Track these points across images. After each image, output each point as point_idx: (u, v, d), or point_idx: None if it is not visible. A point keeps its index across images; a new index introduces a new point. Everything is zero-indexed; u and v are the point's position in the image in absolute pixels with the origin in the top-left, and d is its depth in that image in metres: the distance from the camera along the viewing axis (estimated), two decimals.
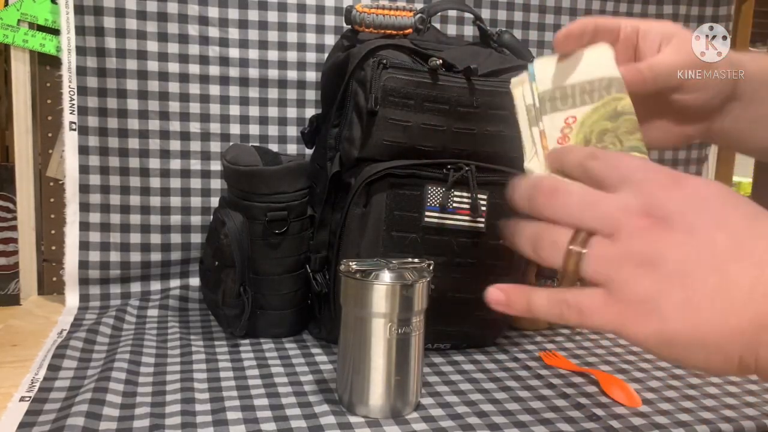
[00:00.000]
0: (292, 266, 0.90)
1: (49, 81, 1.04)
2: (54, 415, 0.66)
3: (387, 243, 0.82)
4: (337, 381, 0.73)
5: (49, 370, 0.76)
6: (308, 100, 1.09)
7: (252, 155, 0.91)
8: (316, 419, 0.67)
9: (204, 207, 1.08)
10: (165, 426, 0.65)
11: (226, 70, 1.06)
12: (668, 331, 0.37)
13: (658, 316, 0.37)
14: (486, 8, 1.14)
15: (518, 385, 0.78)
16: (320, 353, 0.86)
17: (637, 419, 0.70)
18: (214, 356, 0.84)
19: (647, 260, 0.37)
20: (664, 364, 0.87)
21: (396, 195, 0.82)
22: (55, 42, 1.02)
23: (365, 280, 0.67)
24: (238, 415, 0.67)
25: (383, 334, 0.68)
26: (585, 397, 0.75)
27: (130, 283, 1.06)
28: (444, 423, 0.68)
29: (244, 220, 0.88)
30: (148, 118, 1.04)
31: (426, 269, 0.72)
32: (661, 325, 0.37)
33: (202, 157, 1.07)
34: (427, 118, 0.82)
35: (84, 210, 1.03)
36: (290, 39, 1.07)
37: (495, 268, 0.85)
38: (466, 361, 0.86)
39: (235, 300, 0.88)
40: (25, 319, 0.98)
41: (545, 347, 0.92)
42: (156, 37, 1.02)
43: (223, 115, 1.07)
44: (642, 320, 0.37)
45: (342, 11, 1.05)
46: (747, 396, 0.77)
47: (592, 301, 0.40)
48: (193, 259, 1.09)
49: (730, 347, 0.36)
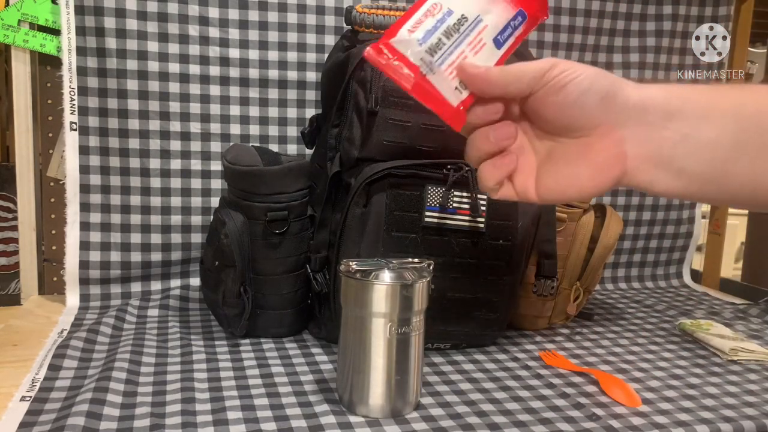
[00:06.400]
0: (292, 266, 0.90)
1: (50, 81, 1.04)
2: (54, 415, 0.66)
3: (387, 243, 0.82)
4: (337, 381, 0.73)
5: (50, 370, 0.76)
6: (308, 100, 1.10)
7: (252, 155, 0.91)
8: (316, 419, 0.67)
9: (204, 207, 1.08)
10: (165, 426, 0.65)
11: (226, 70, 1.06)
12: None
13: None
14: None
15: (518, 385, 0.79)
16: (320, 353, 0.86)
17: (637, 419, 0.70)
18: (215, 356, 0.84)
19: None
20: (664, 364, 0.87)
21: (396, 195, 0.82)
22: (55, 42, 1.02)
23: (365, 280, 0.68)
24: (239, 415, 0.68)
25: (383, 333, 0.68)
26: (585, 397, 0.75)
27: (131, 283, 1.06)
28: (444, 423, 0.68)
29: (245, 220, 0.88)
30: (148, 118, 1.04)
31: (426, 269, 0.72)
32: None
33: (202, 157, 1.07)
34: (427, 118, 0.82)
35: (85, 210, 1.03)
36: (290, 39, 1.07)
37: (495, 268, 0.85)
38: (466, 360, 0.86)
39: (235, 300, 0.88)
40: (25, 319, 0.98)
41: (545, 347, 0.92)
42: (156, 38, 1.02)
43: (224, 116, 1.07)
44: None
45: (342, 11, 1.06)
46: (747, 396, 0.78)
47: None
48: (193, 259, 1.09)
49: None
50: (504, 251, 0.85)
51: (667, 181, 0.44)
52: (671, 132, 0.43)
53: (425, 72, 0.46)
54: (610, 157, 0.44)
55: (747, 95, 0.44)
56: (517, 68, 0.46)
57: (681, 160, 0.43)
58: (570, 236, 0.98)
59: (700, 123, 0.43)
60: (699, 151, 0.43)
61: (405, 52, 0.46)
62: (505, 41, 0.49)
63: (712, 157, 0.43)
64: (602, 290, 1.27)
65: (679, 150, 0.43)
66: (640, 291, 1.29)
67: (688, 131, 0.43)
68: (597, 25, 1.20)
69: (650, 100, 0.43)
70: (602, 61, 1.23)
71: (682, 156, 0.43)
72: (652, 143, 0.43)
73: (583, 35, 1.20)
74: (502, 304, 0.88)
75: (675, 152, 0.43)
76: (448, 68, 0.46)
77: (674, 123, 0.43)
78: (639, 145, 0.43)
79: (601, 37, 1.22)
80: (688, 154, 0.43)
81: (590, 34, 1.20)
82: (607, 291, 1.27)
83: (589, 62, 1.21)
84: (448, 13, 0.47)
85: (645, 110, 0.43)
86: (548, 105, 0.45)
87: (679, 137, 0.43)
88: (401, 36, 0.46)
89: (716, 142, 0.43)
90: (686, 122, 0.43)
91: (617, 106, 0.43)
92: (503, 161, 0.47)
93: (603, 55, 1.23)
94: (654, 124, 0.43)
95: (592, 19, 1.20)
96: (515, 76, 0.45)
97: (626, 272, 1.32)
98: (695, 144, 0.43)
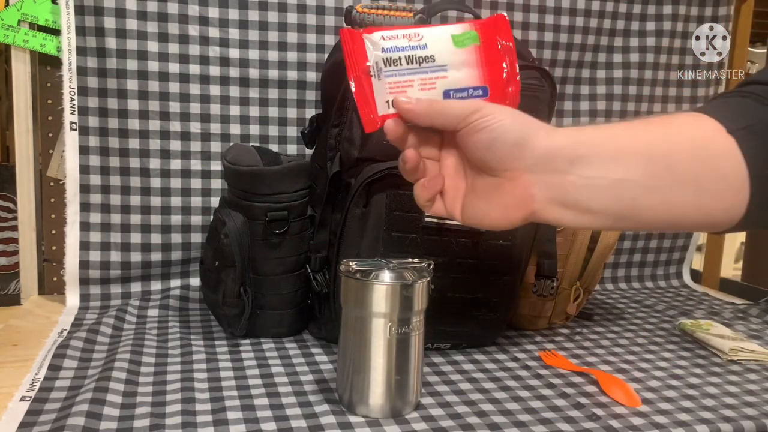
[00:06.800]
0: (292, 266, 0.90)
1: (50, 81, 1.04)
2: (54, 415, 0.66)
3: (387, 243, 0.82)
4: (337, 381, 0.73)
5: (50, 370, 0.76)
6: (308, 100, 1.10)
7: (252, 155, 0.91)
8: (316, 419, 0.67)
9: (204, 207, 1.08)
10: (165, 426, 0.65)
11: (226, 70, 1.06)
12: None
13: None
14: (486, 8, 1.14)
15: (518, 385, 0.79)
16: (320, 353, 0.86)
17: (637, 419, 0.70)
18: (215, 356, 0.84)
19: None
20: (664, 364, 0.87)
21: (396, 195, 0.82)
22: (55, 42, 1.02)
23: (365, 280, 0.68)
24: (239, 415, 0.68)
25: (383, 334, 0.68)
26: (585, 397, 0.75)
27: (131, 283, 1.06)
28: (444, 423, 0.68)
29: (245, 220, 0.88)
30: (148, 118, 1.04)
31: (426, 269, 0.72)
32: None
33: (202, 157, 1.07)
34: None
35: (84, 210, 1.03)
36: (290, 39, 1.07)
37: (495, 268, 0.85)
38: (466, 360, 0.86)
39: (235, 300, 0.88)
40: (25, 318, 0.98)
41: (545, 347, 0.92)
42: (156, 38, 1.02)
43: (224, 116, 1.07)
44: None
45: (342, 11, 1.05)
46: (747, 396, 0.78)
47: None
48: (193, 259, 1.09)
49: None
50: (504, 251, 0.85)
51: (575, 218, 0.48)
52: (575, 177, 0.47)
53: (372, 74, 0.53)
54: (518, 198, 0.48)
55: (659, 135, 0.47)
56: (444, 104, 0.52)
57: (587, 201, 0.47)
58: (570, 236, 0.98)
59: (609, 165, 0.47)
60: (605, 191, 0.47)
61: (368, 49, 0.53)
62: (454, 98, 0.54)
63: (619, 196, 0.47)
64: (602, 290, 1.27)
65: (584, 193, 0.47)
66: (640, 291, 1.29)
67: (593, 174, 0.47)
68: (597, 25, 1.20)
69: (557, 148, 0.47)
70: (602, 61, 1.23)
71: (587, 197, 0.47)
72: (556, 187, 0.47)
73: (583, 35, 1.20)
74: (502, 304, 0.88)
75: (579, 195, 0.47)
76: (391, 84, 0.53)
77: (578, 168, 0.47)
78: (545, 189, 0.47)
79: (601, 37, 1.22)
80: (593, 195, 0.47)
81: (590, 34, 1.20)
82: (607, 291, 1.27)
83: (589, 62, 1.22)
84: (422, 47, 0.53)
85: (551, 158, 0.47)
86: (468, 144, 0.50)
87: (583, 181, 0.47)
88: (374, 37, 0.53)
89: (624, 181, 0.46)
90: (591, 166, 0.47)
91: (526, 153, 0.47)
92: (431, 183, 0.53)
93: (603, 55, 1.23)
94: (558, 170, 0.47)
95: (592, 19, 1.20)
96: (440, 111, 0.51)
97: (626, 272, 1.32)
98: (601, 185, 0.47)
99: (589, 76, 1.23)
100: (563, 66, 1.20)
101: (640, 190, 0.47)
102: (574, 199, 0.47)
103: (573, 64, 1.21)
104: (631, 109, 1.25)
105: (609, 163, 0.47)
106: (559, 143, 0.48)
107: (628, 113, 1.25)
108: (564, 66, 1.20)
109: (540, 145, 0.48)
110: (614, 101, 1.25)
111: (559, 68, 1.20)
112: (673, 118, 0.49)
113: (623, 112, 1.25)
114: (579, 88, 1.23)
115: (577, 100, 1.23)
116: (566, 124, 1.22)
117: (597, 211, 0.47)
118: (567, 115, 1.23)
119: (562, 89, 1.22)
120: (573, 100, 1.23)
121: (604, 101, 1.24)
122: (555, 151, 0.47)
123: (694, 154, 0.46)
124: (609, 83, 1.24)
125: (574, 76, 1.22)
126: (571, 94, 1.23)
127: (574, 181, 0.47)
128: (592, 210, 0.47)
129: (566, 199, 0.47)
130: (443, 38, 0.54)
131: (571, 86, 1.23)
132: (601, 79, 1.24)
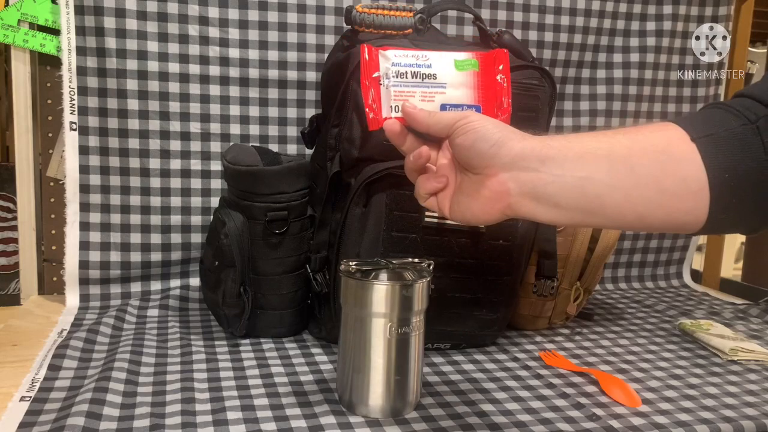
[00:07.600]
0: (292, 266, 0.90)
1: (50, 81, 1.04)
2: (54, 415, 0.66)
3: (387, 243, 0.82)
4: (337, 381, 0.73)
5: (50, 370, 0.76)
6: (308, 100, 1.10)
7: (252, 155, 0.91)
8: (316, 419, 0.67)
9: (204, 207, 1.08)
10: (165, 426, 0.65)
11: (226, 70, 1.06)
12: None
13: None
14: (486, 8, 1.14)
15: (518, 385, 0.79)
16: (320, 353, 0.86)
17: (637, 419, 0.70)
18: (214, 356, 0.84)
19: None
20: (664, 364, 0.87)
21: (396, 195, 0.82)
22: (55, 42, 1.02)
23: (365, 280, 0.68)
24: (238, 415, 0.68)
25: (383, 334, 0.68)
26: (585, 397, 0.75)
27: (131, 283, 1.06)
28: (444, 423, 0.68)
29: (245, 220, 0.88)
30: (148, 118, 1.04)
31: (426, 269, 0.72)
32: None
33: (202, 157, 1.07)
34: None
35: (84, 210, 1.03)
36: (290, 39, 1.07)
37: (495, 268, 0.85)
38: (466, 361, 0.86)
39: (235, 300, 0.88)
40: (25, 318, 0.98)
41: (545, 347, 0.92)
42: (156, 38, 1.02)
43: (224, 116, 1.07)
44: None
45: (342, 11, 1.06)
46: (747, 396, 0.78)
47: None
48: (193, 259, 1.09)
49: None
50: (504, 251, 0.85)
51: (546, 212, 0.53)
52: (545, 174, 0.52)
53: (381, 81, 0.62)
54: (495, 191, 0.54)
55: (624, 141, 0.52)
56: (440, 114, 0.59)
57: (555, 196, 0.52)
58: (570, 236, 0.97)
59: (574, 164, 0.52)
60: (572, 188, 0.51)
61: (381, 62, 0.62)
62: (450, 110, 0.62)
63: (585, 192, 0.51)
64: (602, 290, 1.27)
65: (552, 188, 0.52)
66: (640, 291, 1.29)
67: (560, 172, 0.52)
68: (597, 25, 1.20)
69: (530, 149, 0.53)
70: (602, 61, 1.23)
71: (555, 193, 0.52)
72: (528, 183, 0.53)
73: (583, 35, 1.20)
74: (502, 304, 0.88)
75: (548, 190, 0.52)
76: (396, 92, 0.62)
77: (547, 167, 0.52)
78: (519, 184, 0.53)
79: (601, 37, 1.21)
80: (560, 192, 0.52)
81: (590, 34, 1.20)
82: (607, 291, 1.27)
83: (589, 62, 1.22)
84: (427, 65, 0.63)
85: (524, 157, 0.53)
86: (455, 144, 0.56)
87: (551, 178, 0.52)
88: (389, 53, 0.62)
89: (588, 179, 0.51)
90: (558, 165, 0.52)
91: (503, 152, 0.53)
92: (436, 176, 0.59)
93: (603, 55, 1.23)
94: (531, 168, 0.53)
95: (592, 19, 1.20)
96: (436, 120, 0.58)
97: (626, 272, 1.32)
98: (567, 182, 0.51)
99: (589, 76, 1.23)
100: (563, 66, 1.20)
101: (605, 188, 0.51)
102: (545, 193, 0.52)
103: (573, 64, 1.21)
104: (631, 109, 1.25)
105: (575, 162, 0.51)
106: (531, 145, 0.53)
107: (628, 113, 1.25)
108: (564, 66, 1.20)
109: (516, 146, 0.53)
110: (614, 101, 1.25)
111: (559, 68, 1.20)
112: (642, 127, 0.54)
113: (623, 112, 1.25)
114: (579, 88, 1.23)
115: (577, 100, 1.23)
116: (566, 124, 1.22)
117: (565, 206, 0.52)
118: (567, 115, 1.23)
119: (562, 89, 1.22)
120: (573, 100, 1.23)
121: (604, 101, 1.24)
122: (528, 152, 0.53)
123: (655, 158, 0.50)
124: (609, 83, 1.24)
125: (574, 76, 1.22)
126: (571, 94, 1.23)
127: (543, 177, 0.52)
128: (561, 205, 0.52)
129: (537, 194, 0.53)
130: (447, 62, 0.63)
131: (571, 86, 1.23)
132: (601, 79, 1.24)
